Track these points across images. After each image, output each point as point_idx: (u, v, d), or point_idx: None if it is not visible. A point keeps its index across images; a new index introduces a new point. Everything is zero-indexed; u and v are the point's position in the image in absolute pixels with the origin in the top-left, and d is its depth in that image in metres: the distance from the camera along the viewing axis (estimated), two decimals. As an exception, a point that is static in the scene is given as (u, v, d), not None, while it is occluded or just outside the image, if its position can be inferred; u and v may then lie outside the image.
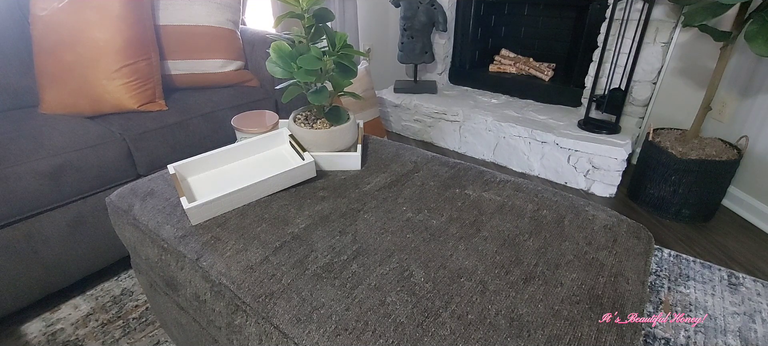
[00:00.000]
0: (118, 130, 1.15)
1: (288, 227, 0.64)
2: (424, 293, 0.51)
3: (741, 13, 1.27)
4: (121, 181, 1.13)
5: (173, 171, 0.73)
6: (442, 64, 2.33)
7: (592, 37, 1.78)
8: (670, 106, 1.72)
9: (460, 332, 0.46)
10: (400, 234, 0.62)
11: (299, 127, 0.80)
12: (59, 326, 1.07)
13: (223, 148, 0.79)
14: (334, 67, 0.75)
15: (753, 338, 0.99)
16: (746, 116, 1.46)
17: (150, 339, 1.03)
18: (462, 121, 1.99)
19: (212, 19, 1.44)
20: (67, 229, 1.05)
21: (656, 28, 1.60)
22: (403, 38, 2.10)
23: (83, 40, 1.16)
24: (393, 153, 0.87)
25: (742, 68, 1.47)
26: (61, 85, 1.18)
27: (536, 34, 2.22)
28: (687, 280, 1.18)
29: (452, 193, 0.73)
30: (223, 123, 1.34)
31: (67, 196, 1.04)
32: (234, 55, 1.51)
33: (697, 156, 1.40)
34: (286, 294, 0.52)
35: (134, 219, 0.71)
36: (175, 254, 0.62)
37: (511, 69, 2.21)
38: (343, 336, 0.46)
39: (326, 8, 0.74)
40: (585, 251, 0.59)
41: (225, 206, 0.67)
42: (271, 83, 1.53)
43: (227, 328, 0.55)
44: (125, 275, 1.23)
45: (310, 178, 0.76)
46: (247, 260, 0.57)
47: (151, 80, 1.27)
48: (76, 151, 1.05)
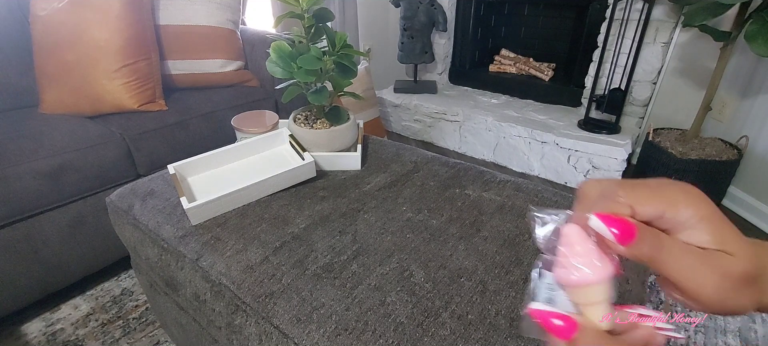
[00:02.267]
0: (118, 130, 1.15)
1: (288, 227, 0.64)
2: (424, 293, 0.51)
3: (741, 13, 1.27)
4: (121, 181, 1.13)
5: (173, 171, 0.73)
6: (442, 64, 2.33)
7: (592, 37, 1.78)
8: (670, 106, 1.72)
9: (460, 332, 0.46)
10: (400, 234, 0.62)
11: (299, 127, 0.80)
12: (59, 326, 1.07)
13: (223, 148, 0.79)
14: (334, 67, 0.75)
15: (753, 338, 0.99)
16: (746, 116, 1.46)
17: (150, 339, 1.03)
18: (462, 121, 1.99)
19: (212, 19, 1.44)
20: (67, 229, 1.05)
21: (656, 28, 1.60)
22: (403, 38, 2.10)
23: (83, 40, 1.16)
24: (393, 153, 0.87)
25: (742, 68, 1.47)
26: (61, 85, 1.18)
27: (536, 34, 2.22)
28: (687, 280, 1.18)
29: (452, 193, 0.73)
30: (223, 123, 1.34)
31: (67, 196, 1.04)
32: (234, 55, 1.51)
33: (697, 156, 1.40)
34: (286, 294, 0.52)
35: (134, 219, 0.71)
36: (175, 254, 0.62)
37: (511, 69, 2.21)
38: (343, 336, 0.46)
39: (326, 8, 0.74)
40: (585, 251, 0.59)
41: (225, 206, 0.67)
42: (271, 83, 1.53)
43: (227, 328, 0.55)
44: (125, 275, 1.23)
45: (310, 178, 0.76)
46: (247, 260, 0.57)
47: (151, 80, 1.27)
48: (76, 151, 1.04)
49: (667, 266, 0.22)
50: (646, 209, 0.23)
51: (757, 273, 0.22)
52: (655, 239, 0.22)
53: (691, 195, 0.23)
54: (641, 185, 0.23)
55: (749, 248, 0.22)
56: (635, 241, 0.22)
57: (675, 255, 0.22)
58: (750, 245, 0.23)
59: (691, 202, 0.23)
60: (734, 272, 0.22)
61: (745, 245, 0.22)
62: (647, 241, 0.22)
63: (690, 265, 0.22)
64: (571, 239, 0.25)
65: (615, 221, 0.23)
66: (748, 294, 0.22)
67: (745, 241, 0.23)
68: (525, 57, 2.23)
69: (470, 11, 2.16)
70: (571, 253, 0.25)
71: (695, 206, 0.22)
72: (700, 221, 0.22)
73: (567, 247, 0.25)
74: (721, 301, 0.22)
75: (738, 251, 0.22)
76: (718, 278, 0.22)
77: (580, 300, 0.25)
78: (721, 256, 0.22)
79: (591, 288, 0.25)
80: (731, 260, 0.22)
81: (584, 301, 0.25)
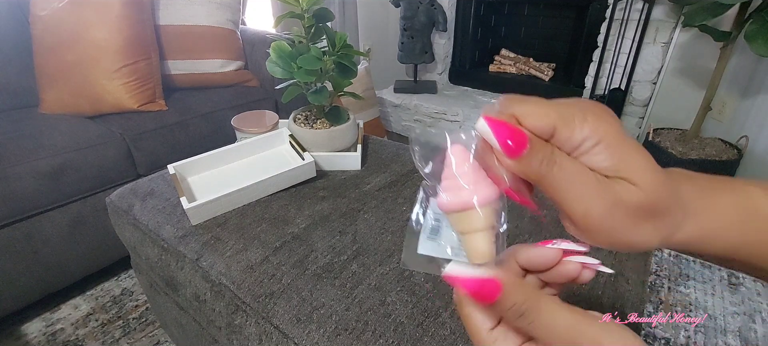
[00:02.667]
0: (118, 130, 1.15)
1: (288, 227, 0.64)
2: (424, 293, 0.51)
3: (741, 13, 1.27)
4: (121, 181, 1.13)
5: (173, 171, 0.73)
6: (442, 64, 2.33)
7: (592, 37, 1.78)
8: (670, 106, 1.72)
9: (460, 332, 0.46)
10: (400, 234, 0.62)
11: (299, 127, 0.80)
12: (59, 326, 1.07)
13: (223, 148, 0.79)
14: (334, 67, 0.75)
15: (753, 338, 0.99)
16: (746, 116, 1.46)
17: (150, 339, 1.03)
18: (462, 121, 1.99)
19: (212, 19, 1.44)
20: (67, 229, 1.05)
21: (656, 28, 1.60)
22: (403, 38, 2.10)
23: (83, 40, 1.16)
24: (393, 153, 0.87)
25: (742, 68, 1.47)
26: (61, 85, 1.18)
27: (536, 34, 2.22)
28: (687, 280, 1.18)
29: (452, 193, 0.73)
30: (223, 123, 1.34)
31: (67, 196, 1.04)
32: (234, 55, 1.51)
33: (697, 156, 1.40)
34: (286, 294, 0.52)
35: (134, 219, 0.71)
36: (175, 254, 0.62)
37: (511, 69, 2.21)
38: (343, 336, 0.46)
39: (326, 8, 0.74)
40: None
41: (225, 206, 0.67)
42: (271, 83, 1.53)
43: (227, 328, 0.55)
44: (125, 275, 1.23)
45: (310, 178, 0.76)
46: (247, 260, 0.57)
47: (151, 80, 1.27)
48: (76, 151, 1.04)
49: (556, 188, 0.20)
50: (534, 122, 0.19)
51: (664, 207, 0.20)
52: (548, 155, 0.19)
53: (590, 113, 0.19)
54: (536, 98, 0.20)
55: (657, 179, 0.20)
56: (525, 153, 0.19)
57: (566, 177, 0.19)
58: (660, 176, 0.20)
59: (589, 121, 0.19)
60: (629, 202, 0.19)
61: (652, 174, 0.20)
62: (538, 155, 0.19)
63: (579, 189, 0.19)
64: (453, 161, 0.22)
65: (505, 129, 0.19)
66: (648, 228, 0.20)
67: (653, 170, 0.20)
68: (525, 57, 2.23)
69: (470, 11, 2.16)
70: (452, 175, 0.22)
71: (593, 127, 0.19)
72: (598, 144, 0.19)
73: (449, 169, 0.22)
74: (611, 231, 0.20)
75: (641, 180, 0.19)
76: (608, 207, 0.19)
77: (462, 228, 0.22)
78: (616, 183, 0.19)
79: (472, 213, 0.22)
80: (629, 189, 0.19)
81: (466, 228, 0.22)
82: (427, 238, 0.24)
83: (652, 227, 0.20)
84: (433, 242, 0.25)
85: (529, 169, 0.20)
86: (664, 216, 0.20)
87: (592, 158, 0.19)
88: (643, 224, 0.20)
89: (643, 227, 0.20)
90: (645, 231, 0.20)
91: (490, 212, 0.22)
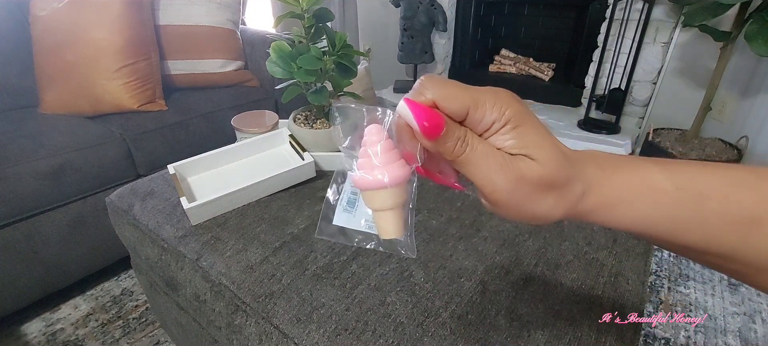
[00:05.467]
0: (118, 130, 1.15)
1: (288, 227, 0.64)
2: (424, 293, 0.51)
3: (741, 13, 1.27)
4: (121, 181, 1.13)
5: (173, 171, 0.73)
6: (442, 64, 2.33)
7: (592, 37, 1.78)
8: (670, 106, 1.72)
9: (460, 332, 0.46)
10: (400, 234, 0.62)
11: (299, 127, 0.80)
12: (59, 326, 1.07)
13: (223, 148, 0.79)
14: (334, 67, 0.75)
15: (753, 338, 1.00)
16: (746, 116, 1.46)
17: (150, 339, 1.03)
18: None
19: (212, 19, 1.44)
20: (67, 229, 1.05)
21: (656, 28, 1.60)
22: (403, 38, 2.10)
23: (83, 40, 1.16)
24: (393, 153, 0.87)
25: (742, 68, 1.47)
26: (61, 85, 1.18)
27: (536, 34, 2.22)
28: (687, 280, 1.18)
29: (451, 193, 0.73)
30: (223, 123, 1.34)
31: (67, 196, 1.04)
32: (234, 55, 1.51)
33: (697, 156, 1.40)
34: (286, 294, 0.52)
35: (134, 219, 0.71)
36: (175, 254, 0.62)
37: (511, 69, 2.21)
38: (343, 336, 0.46)
39: (326, 8, 0.74)
40: (585, 251, 0.59)
41: (225, 206, 0.67)
42: (271, 83, 1.53)
43: (227, 328, 0.55)
44: (125, 275, 1.23)
45: (310, 178, 0.76)
46: (247, 260, 0.57)
47: (151, 80, 1.27)
48: (76, 151, 1.05)
49: (469, 167, 0.22)
50: (450, 104, 0.21)
51: (563, 179, 0.22)
52: (462, 136, 0.22)
53: (498, 97, 0.22)
54: (453, 82, 0.22)
55: (553, 154, 0.22)
56: (442, 135, 0.21)
57: (477, 157, 0.22)
58: (556, 152, 0.22)
59: (497, 104, 0.22)
60: (531, 176, 0.21)
61: (552, 151, 0.22)
62: (454, 137, 0.21)
63: (487, 167, 0.21)
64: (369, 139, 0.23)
65: (424, 112, 0.21)
66: (550, 200, 0.22)
67: (553, 147, 0.22)
68: (525, 57, 2.23)
69: (470, 11, 2.16)
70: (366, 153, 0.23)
71: (500, 109, 0.22)
72: (504, 125, 0.22)
73: (364, 147, 0.23)
74: (518, 205, 0.22)
75: (541, 156, 0.21)
76: (512, 182, 0.21)
77: (374, 205, 0.24)
78: (519, 160, 0.22)
79: (384, 192, 0.23)
80: (530, 164, 0.21)
81: (378, 206, 0.23)
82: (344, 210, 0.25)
83: (553, 199, 0.22)
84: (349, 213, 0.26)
85: (444, 150, 0.22)
86: (563, 188, 0.22)
87: (499, 138, 0.22)
88: (544, 195, 0.22)
89: (545, 199, 0.22)
90: (547, 203, 0.22)
91: (400, 191, 0.23)
